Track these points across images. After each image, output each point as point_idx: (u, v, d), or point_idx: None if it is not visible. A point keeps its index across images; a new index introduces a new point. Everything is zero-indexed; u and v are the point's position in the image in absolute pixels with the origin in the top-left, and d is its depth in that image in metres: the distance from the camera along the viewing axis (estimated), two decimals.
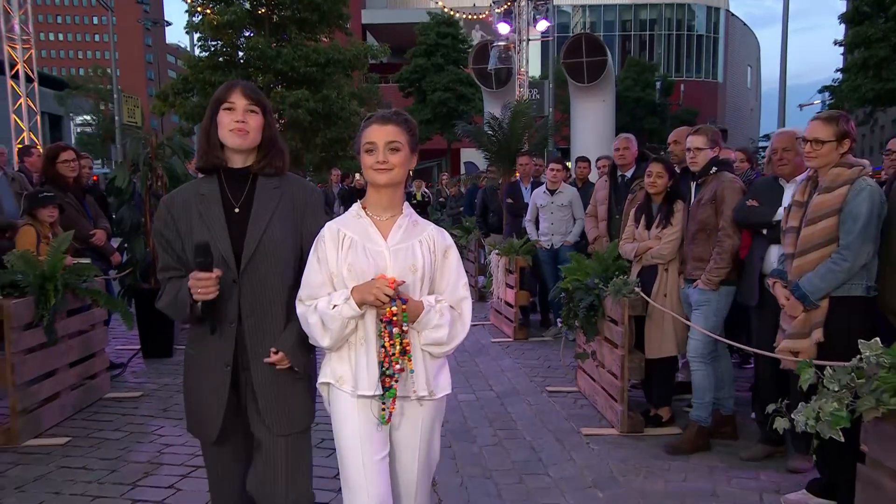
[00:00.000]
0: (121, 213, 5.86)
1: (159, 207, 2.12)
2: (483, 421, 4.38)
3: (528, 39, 18.97)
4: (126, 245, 5.86)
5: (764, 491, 3.29)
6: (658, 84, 29.08)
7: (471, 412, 4.54)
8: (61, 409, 4.34)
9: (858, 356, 2.30)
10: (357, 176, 11.83)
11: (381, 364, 1.96)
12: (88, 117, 43.66)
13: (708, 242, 3.86)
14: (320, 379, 2.09)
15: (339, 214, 2.14)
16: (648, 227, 4.26)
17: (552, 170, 6.57)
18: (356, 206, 2.08)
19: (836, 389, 2.28)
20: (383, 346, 1.96)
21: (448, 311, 2.03)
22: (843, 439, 2.36)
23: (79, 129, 43.79)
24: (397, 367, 1.96)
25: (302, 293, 2.03)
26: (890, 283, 2.89)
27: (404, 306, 1.94)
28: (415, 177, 13.58)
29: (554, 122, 27.25)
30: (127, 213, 5.86)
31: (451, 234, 7.83)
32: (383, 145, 1.97)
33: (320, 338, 1.98)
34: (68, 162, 5.46)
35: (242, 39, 15.42)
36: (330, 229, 2.02)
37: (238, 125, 2.04)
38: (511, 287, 6.78)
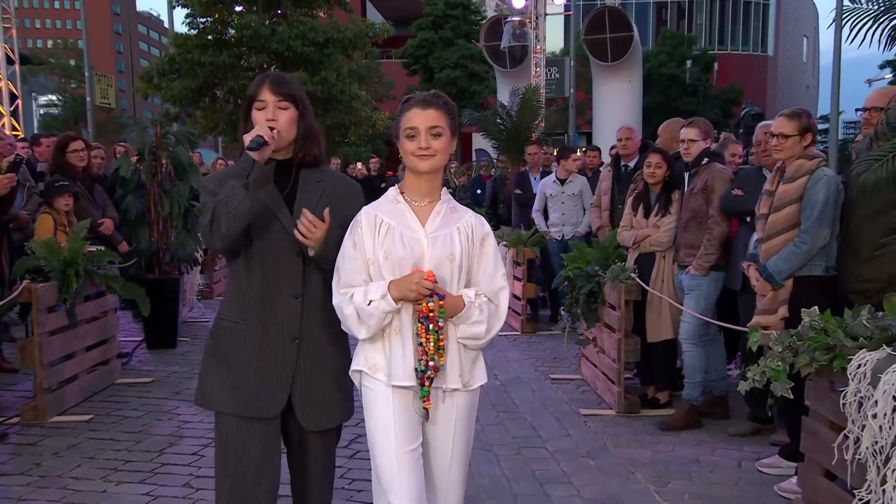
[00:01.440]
0: (126, 202, 6.71)
1: (204, 182, 2.39)
2: (486, 405, 5.17)
3: (546, 14, 19.66)
4: (131, 235, 6.71)
5: (744, 459, 4.06)
6: (689, 62, 29.40)
7: None
8: (80, 390, 5.17)
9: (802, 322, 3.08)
10: (359, 165, 12.63)
11: (418, 361, 2.14)
12: (53, 97, 44.61)
13: (699, 230, 4.63)
14: (353, 366, 2.27)
15: None
16: (646, 215, 5.04)
17: (575, 160, 7.35)
18: (393, 191, 2.28)
19: (780, 350, 3.05)
20: (420, 344, 2.14)
21: (486, 306, 2.20)
22: (791, 396, 3.14)
23: (42, 111, 44.51)
24: (432, 364, 2.14)
25: (336, 279, 2.22)
26: (847, 265, 3.65)
27: (441, 302, 2.12)
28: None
29: (576, 103, 27.98)
30: (132, 203, 6.70)
31: None
32: (425, 130, 2.16)
33: (356, 330, 2.18)
34: (77, 152, 6.30)
35: (234, 16, 16.24)
36: (367, 214, 2.21)
37: (269, 123, 2.25)
38: (519, 279, 7.56)
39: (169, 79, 16.77)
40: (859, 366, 2.63)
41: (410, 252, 2.16)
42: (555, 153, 8.10)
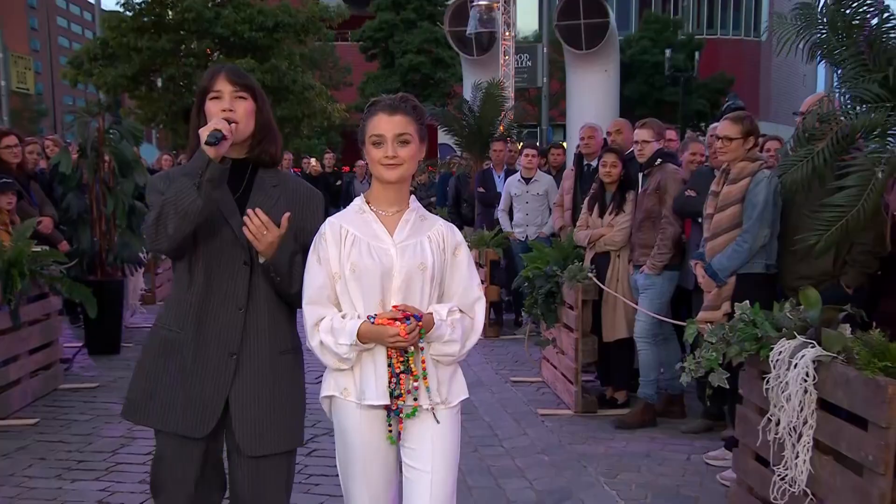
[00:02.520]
0: (67, 200, 7.10)
1: (153, 180, 2.46)
2: None
3: None
4: (72, 234, 7.09)
5: (693, 453, 4.64)
6: (668, 51, 30.23)
7: None
8: (23, 394, 5.57)
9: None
10: (312, 160, 13.07)
11: (388, 384, 2.25)
12: None
13: (653, 230, 5.22)
14: (323, 392, 2.36)
15: None
16: (601, 214, 5.62)
17: (527, 156, 7.89)
18: (359, 200, 2.40)
19: (714, 341, 3.64)
20: (391, 366, 2.26)
21: (460, 322, 2.32)
22: (727, 386, 3.72)
23: None
24: (414, 384, 2.26)
25: (304, 297, 2.31)
26: (785, 262, 4.26)
27: (420, 323, 2.23)
28: None
29: (549, 93, 28.70)
30: (73, 201, 7.10)
31: None
32: (392, 138, 2.27)
33: (323, 360, 2.32)
34: (11, 147, 6.69)
35: None
36: (331, 225, 2.32)
37: (226, 114, 2.32)
38: (481, 282, 8.09)
39: (101, 65, 17.03)
40: (779, 353, 3.23)
41: (379, 263, 2.26)
42: (519, 147, 8.66)
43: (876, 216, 3.32)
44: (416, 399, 2.28)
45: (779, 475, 3.17)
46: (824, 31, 3.35)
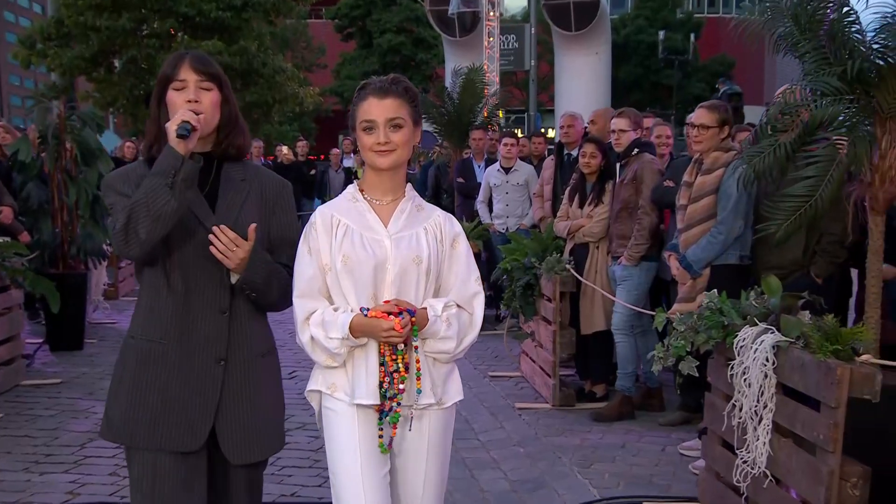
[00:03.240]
0: (27, 190, 7.36)
1: (110, 179, 2.46)
2: None
3: None
4: (32, 225, 7.35)
5: (669, 445, 5.00)
6: (661, 34, 30.66)
7: None
8: None
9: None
10: (284, 148, 13.35)
11: (380, 384, 2.30)
12: None
13: (630, 221, 5.56)
14: (310, 386, 2.43)
15: None
16: (581, 205, 5.96)
17: (506, 145, 8.22)
18: (352, 188, 2.45)
19: (682, 330, 3.99)
20: (383, 364, 2.30)
21: (456, 318, 2.38)
22: (696, 374, 4.07)
23: None
24: (400, 386, 2.30)
25: (294, 290, 2.37)
26: (758, 252, 4.61)
27: (413, 319, 2.28)
28: (354, 150, 15.11)
29: (539, 76, 29.08)
30: (33, 191, 7.36)
31: None
32: (383, 123, 2.31)
33: (313, 356, 2.37)
34: None
35: None
36: (322, 215, 2.38)
37: (191, 105, 2.34)
38: None
39: (56, 45, 17.18)
40: (742, 340, 3.58)
41: (372, 255, 2.32)
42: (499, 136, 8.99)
43: (837, 206, 3.68)
44: (403, 402, 2.33)
45: (741, 458, 3.53)
46: (789, 25, 3.69)
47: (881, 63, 3.40)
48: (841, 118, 3.55)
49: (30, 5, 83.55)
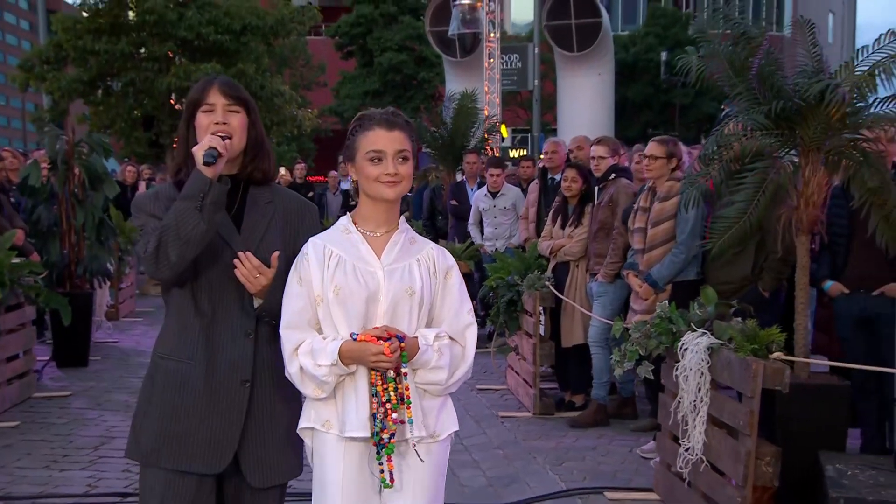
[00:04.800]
0: (37, 213, 8.13)
1: (141, 201, 2.61)
2: None
3: None
4: (41, 247, 8.11)
5: (636, 447, 5.70)
6: (664, 54, 31.45)
7: None
8: (1, 400, 6.58)
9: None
10: (282, 170, 14.12)
11: (374, 416, 2.36)
12: None
13: (607, 240, 6.30)
14: (302, 424, 2.51)
15: None
16: (563, 226, 6.71)
17: (491, 175, 8.97)
18: (345, 220, 2.55)
19: (637, 336, 4.72)
20: (375, 395, 2.38)
21: (448, 349, 2.46)
22: (652, 377, 4.81)
23: None
24: (394, 416, 2.36)
25: (282, 321, 2.45)
26: (710, 269, 5.34)
27: (402, 345, 2.35)
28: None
29: (543, 96, 29.88)
30: (43, 214, 8.13)
31: None
32: (393, 154, 2.44)
33: (302, 388, 2.46)
34: None
35: None
36: (314, 245, 2.47)
37: (219, 127, 2.50)
38: None
39: (55, 68, 18.05)
40: (684, 344, 4.31)
41: (365, 286, 2.42)
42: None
43: (772, 223, 4.42)
44: (394, 435, 2.40)
45: (683, 447, 4.25)
46: (725, 68, 4.46)
47: (801, 103, 4.14)
48: (768, 150, 4.31)
49: (17, 22, 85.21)
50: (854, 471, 3.80)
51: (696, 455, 4.14)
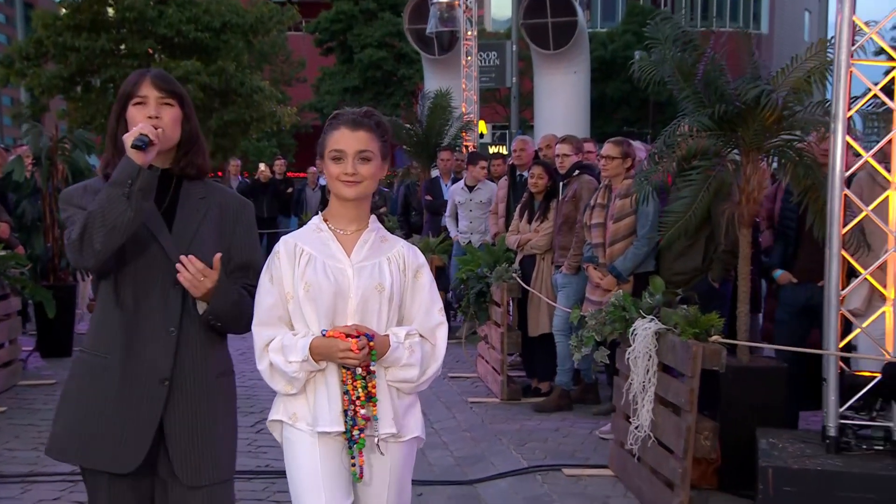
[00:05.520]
0: (21, 207, 8.37)
1: (68, 193, 2.58)
2: None
3: None
4: (26, 240, 8.36)
5: (596, 429, 6.05)
6: (637, 54, 32.06)
7: None
8: None
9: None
10: (261, 167, 14.39)
11: (345, 412, 2.42)
12: None
13: (571, 234, 6.63)
14: (271, 416, 2.55)
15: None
16: (530, 221, 7.05)
17: (482, 168, 9.29)
18: (317, 219, 2.58)
19: (593, 323, 5.06)
20: (346, 392, 2.43)
21: (419, 346, 2.51)
22: (608, 361, 5.15)
23: None
24: (363, 412, 2.42)
25: (254, 318, 2.50)
26: (665, 261, 5.68)
27: (372, 343, 2.41)
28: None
29: (521, 93, 30.27)
30: (28, 208, 8.37)
31: None
32: (353, 154, 2.46)
33: (272, 384, 2.50)
34: None
35: None
36: (286, 244, 2.51)
37: (151, 121, 2.45)
38: None
39: (35, 64, 18.19)
40: (635, 329, 4.66)
41: (334, 283, 2.47)
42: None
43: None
44: (364, 430, 2.46)
45: (634, 425, 4.59)
46: (674, 72, 4.81)
47: (741, 106, 4.49)
48: (713, 149, 4.65)
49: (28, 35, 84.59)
50: (785, 444, 4.15)
51: (645, 432, 4.47)
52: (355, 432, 2.43)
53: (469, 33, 19.93)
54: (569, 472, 5.10)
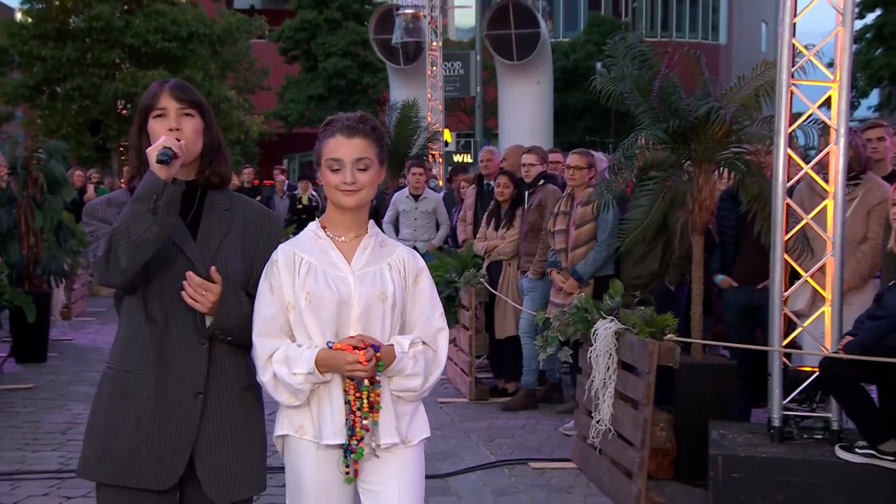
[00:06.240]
0: None
1: (92, 207, 2.55)
2: None
3: (455, 6, 21.99)
4: (1, 248, 8.50)
5: (561, 426, 6.37)
6: (599, 64, 32.70)
7: None
8: None
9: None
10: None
11: (346, 421, 2.38)
12: None
13: (536, 241, 6.96)
14: (277, 431, 2.51)
15: None
16: (496, 228, 7.37)
17: (414, 174, 9.49)
18: (314, 225, 2.54)
19: (558, 324, 5.39)
20: (347, 402, 2.39)
21: (422, 355, 2.48)
22: (571, 361, 5.48)
23: None
24: (364, 422, 2.39)
25: (254, 329, 2.44)
26: (625, 265, 6.03)
27: (378, 354, 2.37)
28: (301, 176, 16.35)
29: (486, 101, 30.69)
30: (3, 217, 8.51)
31: None
32: (351, 163, 2.42)
33: (276, 395, 2.45)
34: None
35: (80, 3, 17.80)
36: (284, 253, 2.47)
37: (173, 133, 2.42)
38: None
39: (0, 73, 18.20)
40: (596, 330, 4.98)
41: (336, 292, 2.42)
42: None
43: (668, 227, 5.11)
44: (374, 430, 2.43)
45: (595, 420, 4.92)
46: (631, 88, 5.15)
47: (693, 121, 4.84)
48: (668, 161, 5.00)
49: None
50: (734, 434, 4.50)
51: (606, 426, 4.79)
52: (353, 442, 2.41)
53: (434, 44, 20.27)
54: (534, 466, 5.40)
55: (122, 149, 17.92)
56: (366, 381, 2.41)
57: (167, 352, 2.46)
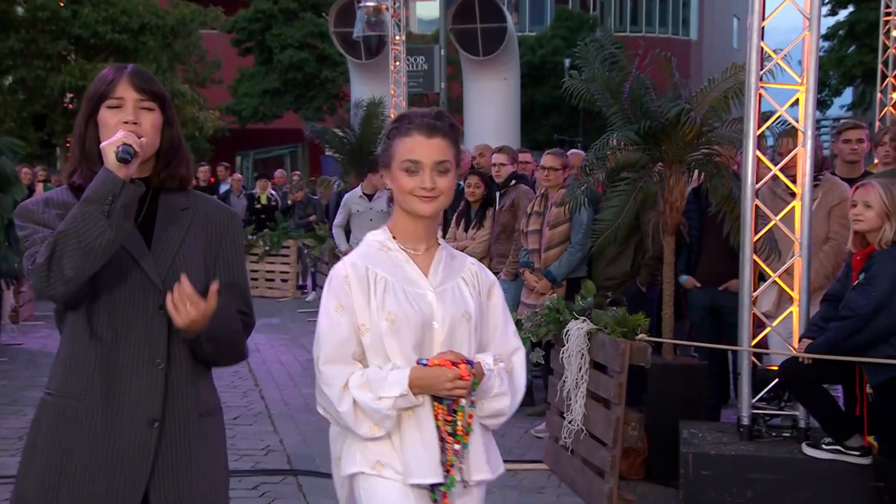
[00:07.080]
0: None
1: (26, 209, 2.30)
2: None
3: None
4: None
5: (531, 428, 6.63)
6: (567, 61, 33.06)
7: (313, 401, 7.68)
8: None
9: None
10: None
11: (441, 455, 2.22)
12: None
13: (508, 242, 7.22)
14: (346, 470, 2.32)
15: None
16: (466, 229, 7.62)
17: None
18: (381, 234, 2.36)
19: (530, 325, 5.64)
20: (437, 427, 2.23)
21: (506, 374, 2.36)
22: (543, 362, 5.74)
23: None
24: (455, 447, 2.24)
25: (320, 355, 2.26)
26: (597, 266, 6.31)
27: (474, 370, 2.21)
28: (258, 175, 16.42)
29: (451, 98, 30.90)
30: None
31: (304, 245, 11.25)
32: (431, 166, 2.25)
33: (355, 427, 2.24)
34: None
35: None
36: (355, 268, 2.28)
37: (129, 127, 2.21)
38: None
39: None
40: (568, 330, 5.24)
41: (419, 312, 2.27)
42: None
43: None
44: (454, 466, 2.28)
45: (567, 420, 5.17)
46: (602, 90, 5.43)
47: (664, 123, 5.13)
48: (639, 162, 5.29)
49: None
50: (704, 433, 4.79)
51: (578, 425, 5.05)
52: (447, 469, 2.28)
53: (397, 38, 20.39)
54: (506, 467, 5.63)
55: (68, 145, 17.85)
56: (462, 402, 2.27)
57: (116, 375, 2.26)
